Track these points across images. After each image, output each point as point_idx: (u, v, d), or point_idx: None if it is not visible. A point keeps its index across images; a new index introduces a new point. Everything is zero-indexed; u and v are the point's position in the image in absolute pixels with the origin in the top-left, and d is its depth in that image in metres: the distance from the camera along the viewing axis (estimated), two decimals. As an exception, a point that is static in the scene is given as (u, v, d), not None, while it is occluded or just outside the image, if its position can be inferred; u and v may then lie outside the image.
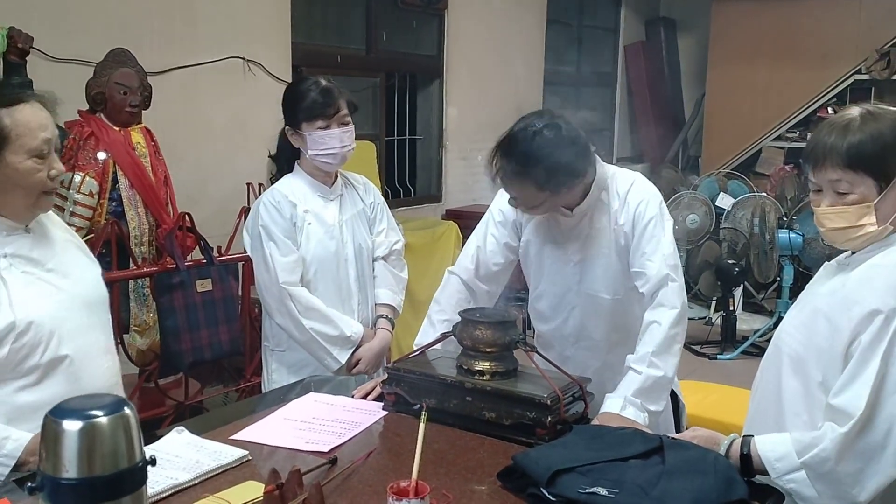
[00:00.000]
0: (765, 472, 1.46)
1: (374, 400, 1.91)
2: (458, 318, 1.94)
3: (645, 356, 1.82)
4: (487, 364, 1.73)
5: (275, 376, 2.38)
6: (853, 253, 1.54)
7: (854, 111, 1.49)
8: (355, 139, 2.36)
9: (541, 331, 2.17)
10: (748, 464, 1.47)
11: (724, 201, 5.75)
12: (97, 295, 1.66)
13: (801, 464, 1.41)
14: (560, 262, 2.03)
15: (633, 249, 1.92)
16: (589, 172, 1.90)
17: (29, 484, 0.93)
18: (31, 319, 1.49)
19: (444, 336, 1.90)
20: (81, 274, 1.64)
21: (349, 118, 2.30)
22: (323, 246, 2.32)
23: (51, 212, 1.67)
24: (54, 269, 1.57)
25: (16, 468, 1.45)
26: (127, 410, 0.95)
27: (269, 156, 2.45)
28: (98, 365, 1.61)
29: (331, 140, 2.26)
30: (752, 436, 1.50)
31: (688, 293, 6.56)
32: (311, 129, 2.25)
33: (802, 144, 6.73)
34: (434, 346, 1.92)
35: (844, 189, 1.46)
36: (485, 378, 1.72)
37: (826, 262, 1.61)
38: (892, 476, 1.39)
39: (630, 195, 1.94)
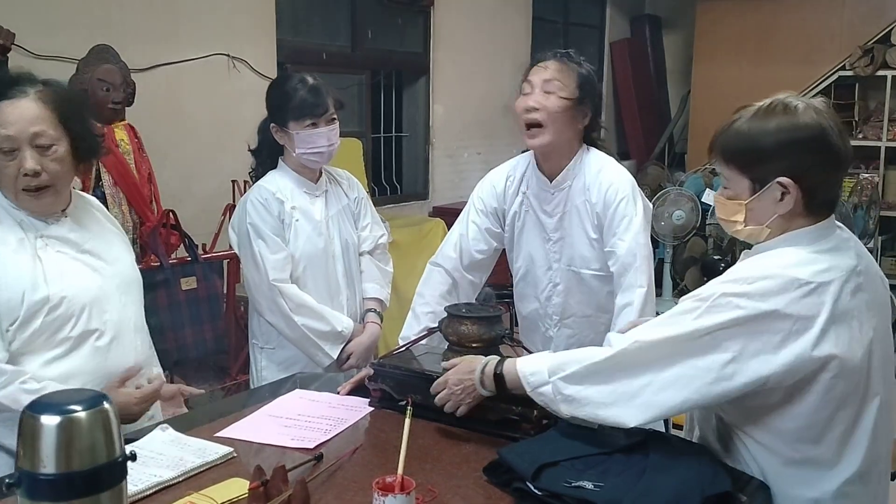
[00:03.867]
0: (520, 388, 1.52)
1: (357, 394, 1.90)
2: (443, 311, 1.94)
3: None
4: None
5: (265, 373, 2.38)
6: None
7: (751, 110, 1.43)
8: (342, 136, 2.36)
9: (525, 312, 2.18)
10: (502, 382, 1.55)
11: (710, 198, 5.77)
12: (132, 276, 1.80)
13: (548, 380, 1.48)
14: (540, 240, 2.05)
15: (605, 229, 1.95)
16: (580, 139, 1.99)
17: (6, 480, 0.92)
18: (63, 294, 1.59)
19: (429, 332, 1.90)
20: (117, 257, 1.76)
21: (335, 116, 2.30)
22: (311, 242, 2.31)
23: (95, 201, 1.82)
24: (90, 251, 1.68)
25: None
26: (106, 405, 0.94)
27: (249, 150, 2.43)
28: (129, 341, 1.73)
29: (319, 139, 2.25)
30: (508, 357, 1.60)
31: (674, 289, 6.55)
32: (299, 127, 2.24)
33: (787, 141, 6.76)
34: (419, 342, 1.91)
35: (725, 183, 1.47)
36: None
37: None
38: (636, 420, 1.42)
39: (602, 175, 1.98)
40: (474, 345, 1.74)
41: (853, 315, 1.35)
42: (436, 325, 2.01)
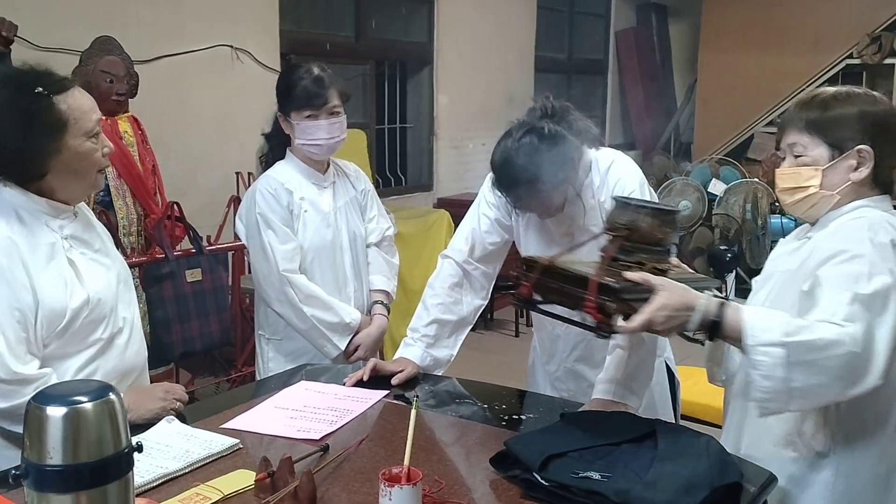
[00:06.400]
0: (734, 338, 1.38)
1: (365, 385, 1.90)
2: (451, 301, 1.94)
3: None
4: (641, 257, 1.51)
5: (271, 365, 2.37)
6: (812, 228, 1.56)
7: (831, 88, 1.55)
8: (346, 127, 2.34)
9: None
10: (716, 328, 1.38)
11: (717, 187, 5.76)
12: (128, 273, 1.79)
13: (782, 340, 1.32)
14: (547, 239, 2.04)
15: None
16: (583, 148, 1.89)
17: (13, 471, 0.92)
18: (99, 296, 1.61)
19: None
20: (115, 255, 1.76)
21: (340, 109, 2.27)
22: (319, 234, 2.31)
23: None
24: (100, 250, 1.69)
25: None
26: (112, 396, 0.93)
27: (263, 134, 2.42)
28: (137, 339, 1.74)
29: (318, 131, 2.24)
30: (726, 298, 1.44)
31: (680, 279, 6.48)
32: (299, 118, 2.24)
33: (794, 130, 6.74)
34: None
35: (799, 151, 1.52)
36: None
37: (781, 239, 1.62)
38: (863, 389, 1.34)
39: (611, 172, 1.96)
40: (645, 243, 1.51)
41: None
42: (445, 316, 2.02)
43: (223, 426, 1.65)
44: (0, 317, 1.47)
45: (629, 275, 1.40)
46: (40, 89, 1.51)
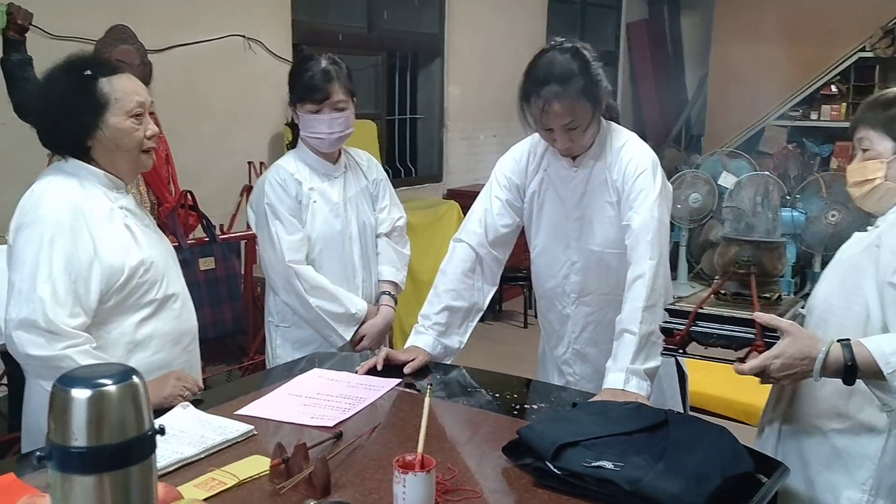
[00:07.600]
0: (872, 373, 1.36)
1: (380, 374, 1.91)
2: (464, 289, 1.95)
3: (636, 312, 1.79)
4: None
5: (279, 352, 2.40)
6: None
7: (895, 89, 1.63)
8: (357, 118, 2.34)
9: (542, 290, 2.17)
10: (852, 372, 1.37)
11: (727, 180, 5.73)
12: (174, 253, 1.91)
13: None
14: (559, 217, 2.04)
15: (622, 203, 1.93)
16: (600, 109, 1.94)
17: (37, 453, 0.93)
18: (152, 260, 1.75)
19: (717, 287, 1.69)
20: (162, 235, 1.90)
21: (345, 104, 2.26)
22: (328, 224, 2.32)
23: None
24: (150, 226, 1.84)
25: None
26: (136, 379, 0.95)
27: (287, 124, 2.44)
28: (189, 307, 1.87)
29: (319, 125, 2.24)
30: (849, 339, 1.40)
31: (690, 272, 6.51)
32: (302, 110, 2.25)
33: (805, 123, 6.71)
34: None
35: (866, 146, 1.59)
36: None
37: (856, 232, 1.64)
38: None
39: (624, 150, 1.96)
40: (767, 275, 1.60)
41: None
42: (457, 303, 2.02)
43: (237, 413, 1.67)
44: (55, 268, 1.60)
45: (759, 317, 1.44)
46: (88, 72, 1.67)
